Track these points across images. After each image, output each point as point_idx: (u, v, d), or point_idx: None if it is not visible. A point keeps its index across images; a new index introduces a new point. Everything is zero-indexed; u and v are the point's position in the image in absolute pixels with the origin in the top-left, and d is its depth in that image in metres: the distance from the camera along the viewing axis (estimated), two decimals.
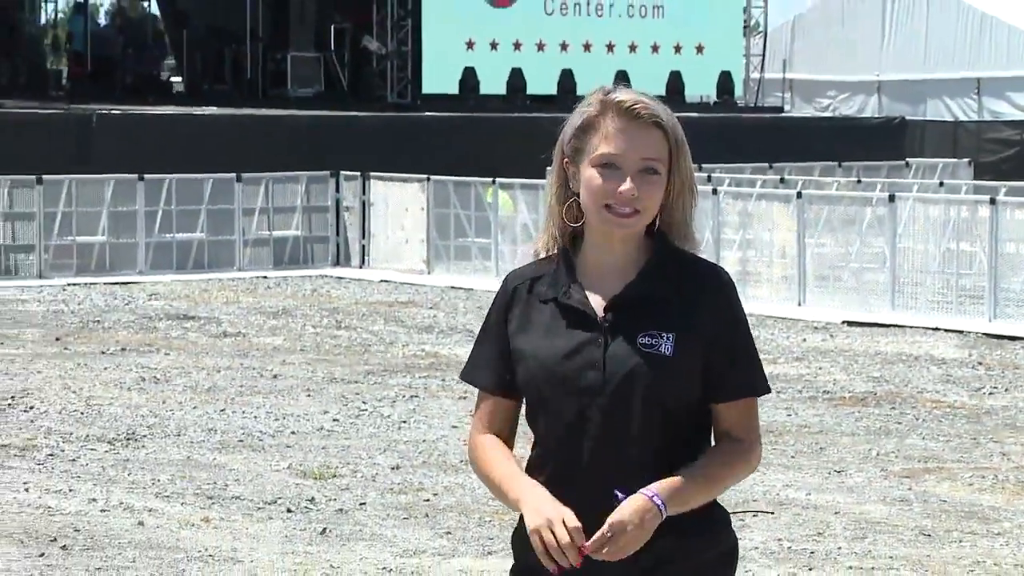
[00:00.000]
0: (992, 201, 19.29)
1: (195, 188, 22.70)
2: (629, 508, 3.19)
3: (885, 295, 19.17)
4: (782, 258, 20.23)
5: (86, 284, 21.06)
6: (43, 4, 37.05)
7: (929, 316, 18.61)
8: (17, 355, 15.48)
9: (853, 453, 11.56)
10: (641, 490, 3.19)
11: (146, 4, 35.91)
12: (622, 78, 32.34)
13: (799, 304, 19.35)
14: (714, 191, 21.47)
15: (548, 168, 3.41)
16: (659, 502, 3.18)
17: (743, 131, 29.79)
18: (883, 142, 30.01)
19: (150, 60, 34.39)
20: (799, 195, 20.71)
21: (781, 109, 34.66)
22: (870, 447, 11.78)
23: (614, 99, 3.37)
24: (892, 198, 19.84)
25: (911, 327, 18.16)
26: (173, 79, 34.31)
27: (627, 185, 3.27)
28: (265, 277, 22.43)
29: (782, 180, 23.66)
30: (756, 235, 21.08)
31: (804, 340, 17.37)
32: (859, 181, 23.82)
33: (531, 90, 31.93)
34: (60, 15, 36.24)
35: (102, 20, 34.55)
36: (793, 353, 16.48)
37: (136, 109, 27.47)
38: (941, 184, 24.94)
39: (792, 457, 11.42)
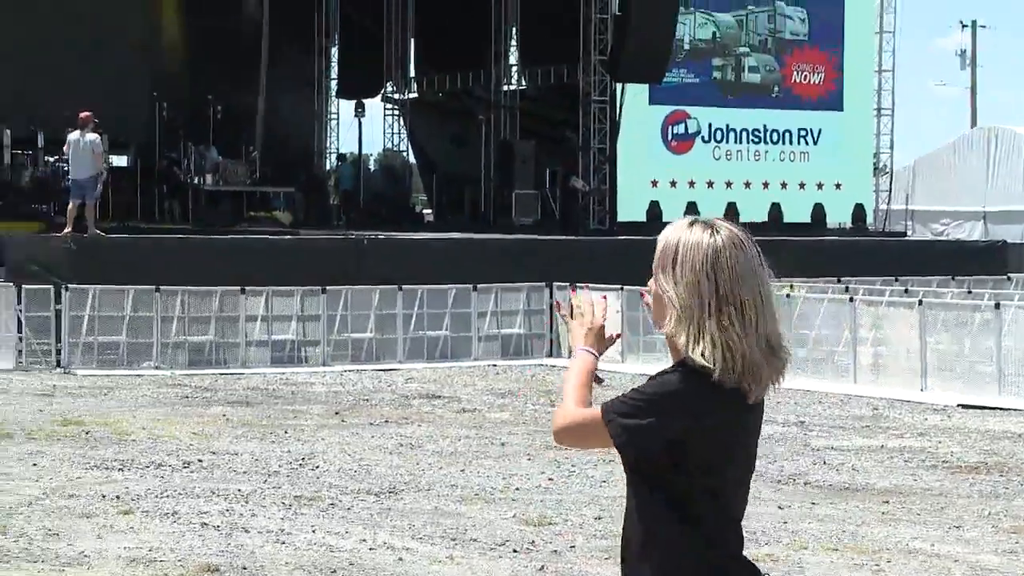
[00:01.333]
0: None
1: (441, 296, 22.82)
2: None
3: (993, 383, 18.79)
4: (907, 353, 19.96)
5: (358, 370, 21.18)
6: (327, 155, 37.68)
7: None
8: (306, 426, 15.58)
9: (969, 512, 11.27)
10: None
11: (405, 154, 36.36)
12: (774, 211, 32.37)
13: (921, 390, 19.02)
14: (851, 299, 21.25)
15: None
16: None
17: (874, 251, 29.42)
18: (989, 260, 29.53)
19: (406, 197, 34.81)
20: (920, 302, 20.45)
21: (904, 234, 34.28)
22: (983, 507, 11.49)
23: None
24: (998, 305, 19.57)
25: (1016, 410, 17.78)
26: (425, 211, 34.58)
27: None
28: (495, 365, 22.40)
29: (906, 291, 23.31)
30: (886, 334, 20.82)
31: (926, 419, 17.04)
32: (969, 292, 23.46)
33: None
34: (340, 163, 36.62)
35: (372, 166, 34.94)
36: (917, 429, 16.15)
37: (396, 234, 27.70)
38: None
39: (917, 515, 11.16)
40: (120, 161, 29.72)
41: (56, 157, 29.84)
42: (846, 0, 33.35)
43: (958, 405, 18.14)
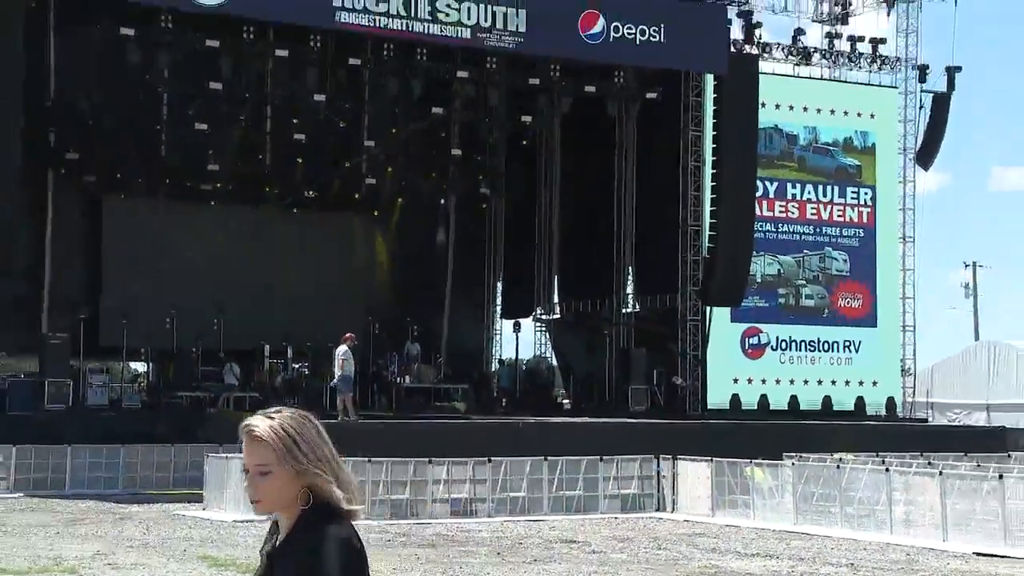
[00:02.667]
0: None
1: (576, 465, 22.73)
2: None
3: (1001, 536, 18.34)
4: (931, 511, 19.58)
5: (515, 521, 21.15)
6: (492, 360, 37.96)
7: None
8: (475, 562, 15.54)
9: None
10: None
11: (549, 359, 36.50)
12: (826, 402, 32.07)
13: (943, 540, 18.61)
14: (887, 469, 20.94)
15: None
16: None
17: (903, 433, 29.02)
18: (992, 441, 28.99)
19: (549, 391, 34.88)
20: (940, 472, 20.14)
21: (926, 420, 33.78)
22: None
23: (241, 425, 3.06)
24: (1001, 476, 19.19)
25: (1019, 558, 17.33)
26: (564, 401, 34.56)
27: (245, 485, 3.10)
28: (616, 517, 22.15)
29: (929, 463, 22.91)
30: (914, 497, 20.42)
31: (948, 563, 16.66)
32: (978, 465, 22.96)
33: (773, 407, 31.61)
34: (501, 365, 36.76)
35: (523, 368, 35.05)
36: (942, 572, 15.80)
37: (542, 419, 27.79)
38: None
39: None
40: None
41: (299, 364, 30.50)
42: (877, 245, 33.32)
43: (974, 553, 17.76)
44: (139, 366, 31.38)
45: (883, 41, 33.40)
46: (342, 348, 24.40)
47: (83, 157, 29.92)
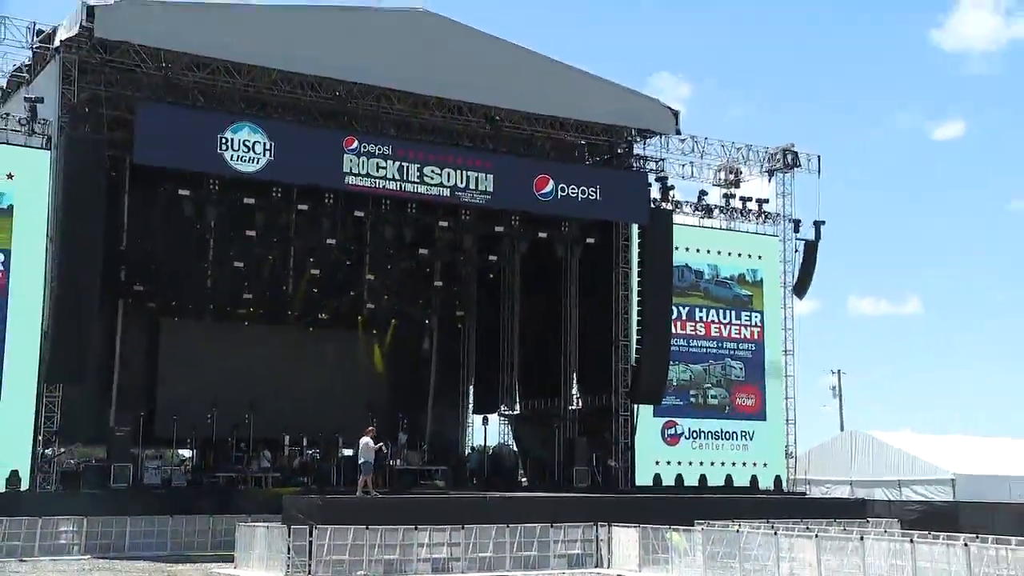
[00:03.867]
0: (911, 540, 18.40)
1: (532, 530, 22.46)
2: None
3: None
4: (810, 566, 19.38)
5: (486, 574, 20.69)
6: (465, 447, 37.50)
7: None
8: None
9: None
10: None
11: (511, 446, 36.17)
12: (728, 480, 31.80)
13: None
14: (775, 533, 20.72)
15: None
16: None
17: (787, 505, 28.72)
18: (854, 510, 28.82)
19: (513, 472, 34.45)
20: (816, 535, 19.96)
21: (804, 494, 33.54)
22: None
23: None
24: (862, 537, 19.05)
25: None
26: (522, 479, 34.27)
27: None
28: (564, 572, 21.81)
29: (807, 528, 22.68)
30: (796, 555, 20.10)
31: None
32: (844, 529, 22.78)
33: (686, 483, 31.29)
34: (472, 451, 36.42)
35: (490, 453, 34.75)
36: None
37: (506, 494, 27.42)
38: (884, 531, 23.95)
39: None
40: (347, 452, 29.76)
41: (312, 451, 30.18)
42: (765, 357, 33.46)
43: None
44: (186, 452, 30.97)
45: (766, 201, 33.82)
46: (365, 439, 24.26)
47: (147, 289, 29.96)
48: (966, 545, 17.29)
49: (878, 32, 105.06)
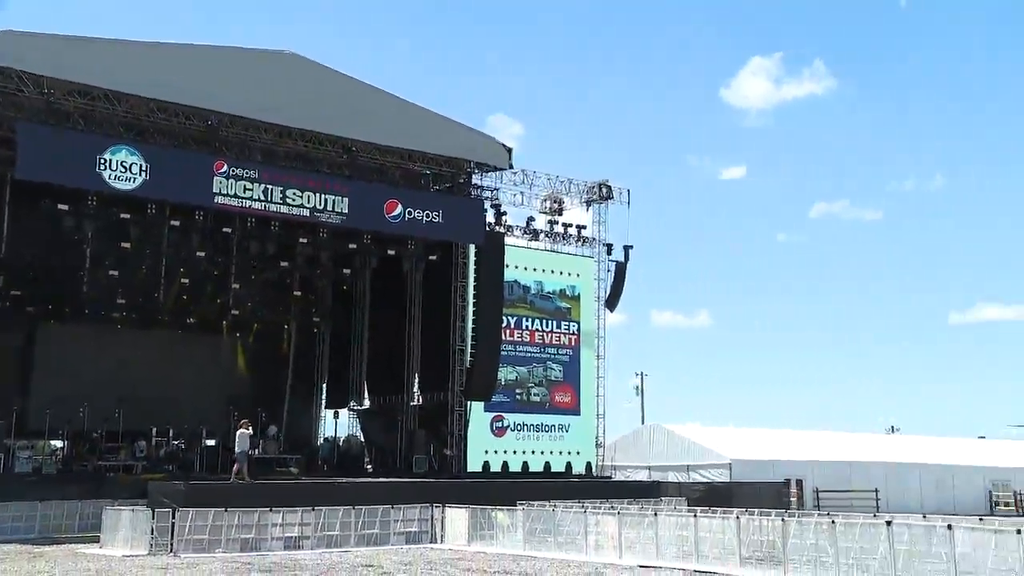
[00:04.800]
0: (695, 515, 19.09)
1: (375, 511, 22.28)
2: None
3: (654, 553, 18.51)
4: (612, 539, 19.90)
5: (331, 552, 20.53)
6: (318, 437, 36.88)
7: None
8: None
9: None
10: None
11: (359, 436, 35.80)
12: (546, 467, 32.24)
13: (620, 557, 18.83)
14: (584, 511, 21.13)
15: None
16: None
17: (596, 487, 29.43)
18: (651, 491, 29.69)
19: (360, 459, 34.06)
20: (619, 513, 20.46)
21: (610, 477, 34.27)
22: None
23: None
24: (656, 513, 19.66)
25: (668, 567, 17.55)
26: (368, 467, 33.89)
27: None
28: (402, 547, 21.76)
29: (612, 506, 23.12)
30: (602, 529, 20.55)
31: (622, 573, 16.82)
32: (641, 507, 23.39)
33: (511, 470, 31.57)
34: (324, 442, 35.92)
35: (341, 444, 34.24)
36: None
37: (354, 479, 27.15)
38: (674, 508, 24.70)
39: None
40: (210, 443, 28.91)
41: (179, 442, 29.25)
42: (581, 361, 34.06)
43: (639, 565, 18.02)
44: (57, 443, 29.50)
45: (584, 227, 34.52)
46: (240, 431, 23.63)
47: (24, 294, 28.53)
48: (737, 518, 18.17)
49: (679, 87, 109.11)
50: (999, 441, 47.29)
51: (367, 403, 35.61)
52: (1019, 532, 14.43)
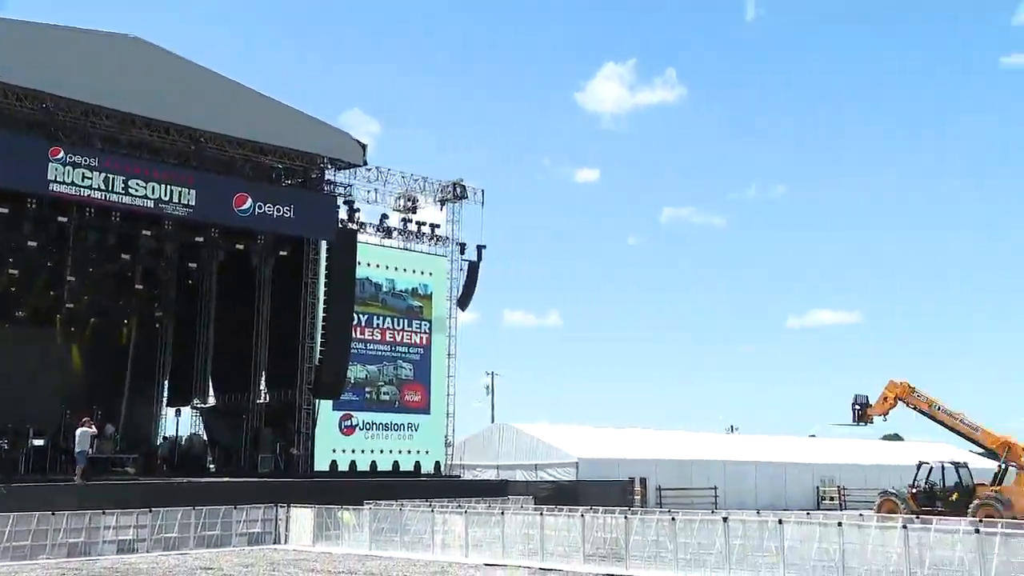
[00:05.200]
0: (541, 513, 19.30)
1: (216, 512, 21.63)
2: None
3: (500, 551, 18.68)
4: (459, 537, 19.90)
5: (168, 555, 19.76)
6: (158, 436, 35.58)
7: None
8: None
9: None
10: None
11: (201, 435, 34.69)
12: (395, 466, 32.06)
13: (466, 556, 18.86)
14: (432, 510, 21.09)
15: None
16: None
17: (445, 486, 29.47)
18: (498, 490, 29.92)
19: (202, 459, 32.98)
20: (466, 512, 20.52)
21: (459, 476, 34.39)
22: None
23: None
24: (503, 512, 19.79)
25: (513, 565, 17.65)
26: (211, 466, 32.83)
27: None
28: (244, 549, 21.18)
29: (459, 505, 23.25)
30: (450, 528, 20.58)
31: (468, 572, 16.80)
32: (489, 505, 23.57)
33: (359, 469, 31.23)
34: (164, 440, 34.64)
35: (183, 443, 33.11)
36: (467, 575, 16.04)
37: (195, 479, 26.24)
38: (520, 506, 24.92)
39: None
40: (38, 443, 27.32)
41: (3, 441, 27.55)
42: (432, 360, 33.99)
43: (484, 563, 18.09)
44: None
45: (438, 226, 34.57)
46: (81, 430, 22.43)
47: None
48: (582, 516, 18.53)
49: (535, 89, 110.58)
50: (827, 439, 49.92)
51: (212, 401, 34.54)
52: (840, 525, 15.34)
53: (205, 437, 34.37)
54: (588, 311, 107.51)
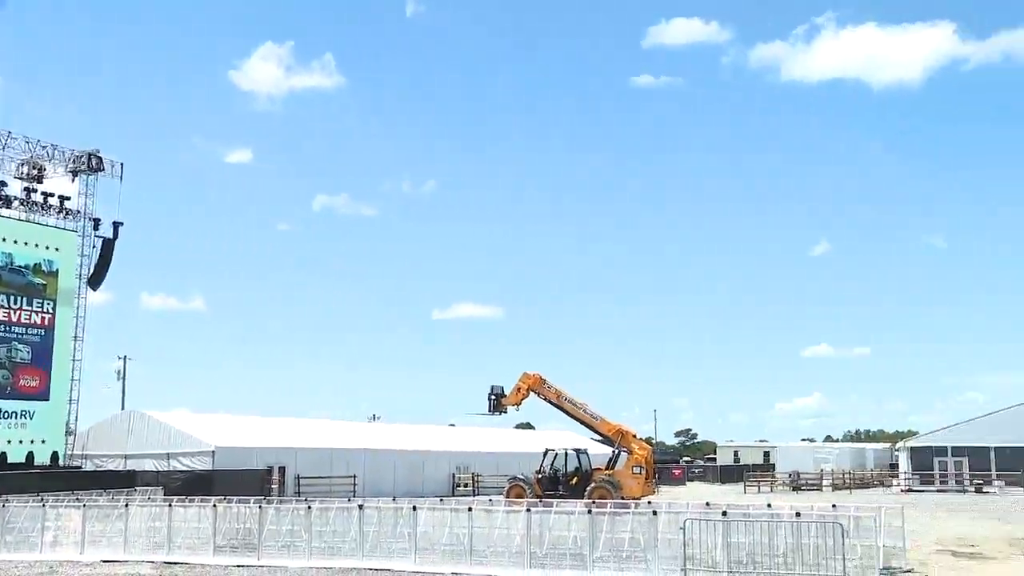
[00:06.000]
0: (170, 505, 18.17)
1: None
2: None
3: (122, 547, 17.31)
4: (75, 533, 18.23)
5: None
6: None
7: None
8: None
9: None
10: None
11: None
12: (3, 458, 28.79)
13: (81, 553, 17.32)
14: (43, 504, 19.19)
15: None
16: None
17: (63, 477, 27.04)
18: (125, 480, 27.91)
19: None
20: (84, 505, 18.73)
21: (80, 467, 31.82)
22: None
23: None
24: (127, 505, 18.36)
25: (135, 560, 16.45)
26: None
27: None
28: None
29: (77, 498, 21.26)
30: (64, 524, 18.76)
31: (82, 570, 15.43)
32: (113, 497, 21.79)
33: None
34: None
35: None
36: (79, 575, 14.64)
37: None
38: (148, 498, 23.32)
39: None
40: None
41: None
42: (55, 342, 31.20)
43: (102, 560, 16.73)
44: None
45: (68, 198, 31.82)
46: None
47: None
48: (215, 506, 17.70)
49: (186, 62, 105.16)
50: (465, 428, 51.87)
51: None
52: (470, 510, 15.94)
53: None
54: (235, 297, 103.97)
